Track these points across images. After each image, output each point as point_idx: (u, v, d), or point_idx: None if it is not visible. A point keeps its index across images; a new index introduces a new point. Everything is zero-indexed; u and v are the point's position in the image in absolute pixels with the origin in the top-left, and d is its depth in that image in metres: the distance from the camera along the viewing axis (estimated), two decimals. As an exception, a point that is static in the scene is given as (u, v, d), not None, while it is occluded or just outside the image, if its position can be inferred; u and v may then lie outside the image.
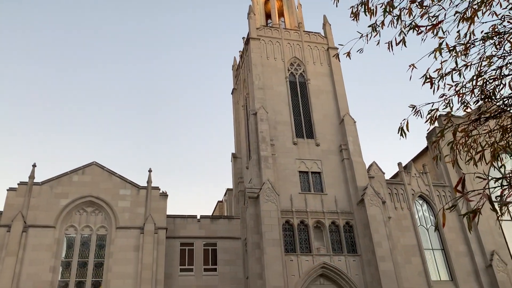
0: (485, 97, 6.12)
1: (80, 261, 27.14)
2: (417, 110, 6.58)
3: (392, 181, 32.78)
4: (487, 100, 6.19)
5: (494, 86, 6.04)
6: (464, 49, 6.00)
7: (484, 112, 5.98)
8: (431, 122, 6.38)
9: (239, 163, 35.99)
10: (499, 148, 5.92)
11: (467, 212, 5.11)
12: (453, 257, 30.19)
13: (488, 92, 6.08)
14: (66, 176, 28.89)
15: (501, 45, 5.89)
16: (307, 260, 27.18)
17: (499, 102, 6.01)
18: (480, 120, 5.94)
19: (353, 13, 7.26)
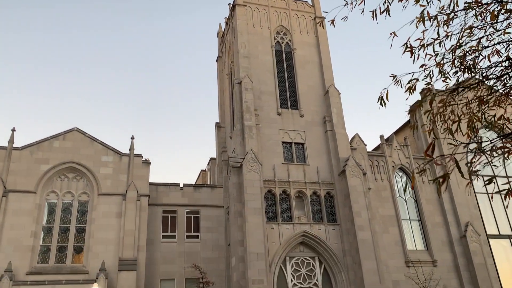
0: (465, 68, 6.16)
1: (62, 226, 27.15)
2: (398, 79, 6.61)
3: (373, 153, 33.24)
4: (467, 71, 6.24)
5: (474, 57, 6.08)
6: (447, 20, 5.98)
7: (462, 83, 6.03)
8: (411, 91, 6.42)
9: (222, 132, 35.94)
10: (475, 118, 6.01)
11: (437, 177, 5.23)
12: (429, 227, 31.12)
13: (468, 64, 6.12)
14: (46, 142, 28.49)
15: (482, 15, 5.89)
16: (288, 229, 27.70)
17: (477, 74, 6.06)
18: (458, 90, 5.99)
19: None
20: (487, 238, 32.00)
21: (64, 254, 26.47)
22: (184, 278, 28.21)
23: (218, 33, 41.61)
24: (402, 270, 28.92)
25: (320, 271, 27.62)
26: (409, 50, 6.12)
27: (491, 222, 32.95)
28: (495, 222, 33.03)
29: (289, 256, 27.39)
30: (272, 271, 26.13)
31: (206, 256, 29.54)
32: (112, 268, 25.79)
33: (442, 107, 6.04)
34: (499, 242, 32.39)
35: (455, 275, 29.97)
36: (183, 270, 28.03)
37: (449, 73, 6.34)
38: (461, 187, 32.74)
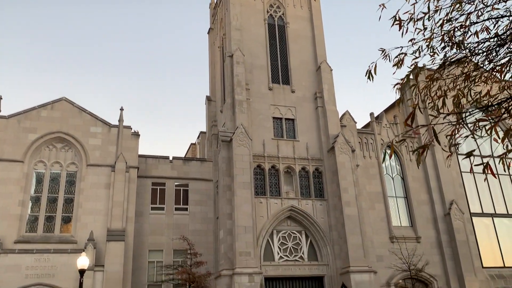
0: (453, 44, 6.14)
1: (50, 196, 27.12)
2: (386, 54, 6.58)
3: (363, 131, 33.41)
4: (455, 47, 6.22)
5: (463, 33, 6.06)
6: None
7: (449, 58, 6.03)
8: (398, 65, 6.40)
9: (213, 106, 35.73)
10: (461, 94, 6.04)
11: (417, 148, 5.28)
12: (414, 205, 31.68)
13: (456, 40, 6.10)
14: (34, 111, 28.12)
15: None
16: (276, 203, 28.01)
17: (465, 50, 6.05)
18: (444, 65, 5.99)
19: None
20: (470, 216, 32.72)
21: (52, 223, 26.54)
22: (172, 249, 28.54)
23: (210, 4, 40.83)
24: (386, 246, 29.56)
25: (306, 245, 28.12)
26: (397, 23, 6.07)
27: (475, 201, 33.62)
28: (479, 201, 33.71)
29: (276, 230, 27.79)
30: (259, 244, 26.54)
31: (195, 229, 29.84)
32: (100, 239, 25.96)
33: (428, 82, 6.05)
34: (482, 220, 33.16)
35: (438, 251, 30.73)
36: (171, 241, 28.33)
37: (437, 48, 6.32)
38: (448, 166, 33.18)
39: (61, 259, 24.54)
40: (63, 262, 24.46)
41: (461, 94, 6.04)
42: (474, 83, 6.11)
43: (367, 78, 6.48)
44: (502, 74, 5.78)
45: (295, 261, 27.38)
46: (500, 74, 5.80)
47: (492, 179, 34.89)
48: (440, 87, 6.45)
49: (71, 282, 23.88)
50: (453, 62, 5.89)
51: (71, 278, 23.94)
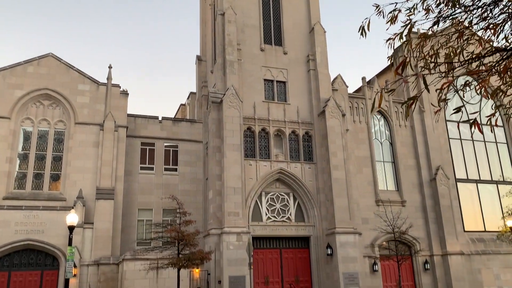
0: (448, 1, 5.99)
1: (38, 154, 26.95)
2: (380, 9, 6.43)
3: (354, 95, 33.32)
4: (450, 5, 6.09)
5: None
6: None
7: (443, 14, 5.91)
8: (392, 21, 6.27)
9: (203, 66, 35.16)
10: (453, 53, 5.95)
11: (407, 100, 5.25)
12: (401, 169, 32.14)
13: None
14: (20, 66, 27.45)
15: None
16: (265, 166, 28.18)
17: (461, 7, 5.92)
18: (438, 22, 5.88)
19: None
20: (456, 182, 33.38)
21: (40, 181, 26.51)
22: (162, 208, 28.85)
23: (203, -40, 39.32)
24: (372, 209, 30.18)
25: (294, 207, 28.59)
26: (392, -24, 5.88)
27: (461, 167, 34.21)
28: (464, 167, 34.31)
29: (265, 192, 28.12)
30: (248, 204, 26.91)
31: (184, 189, 30.07)
32: (89, 197, 26.09)
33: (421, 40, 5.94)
34: (466, 186, 33.87)
35: (422, 215, 31.50)
36: (160, 200, 28.57)
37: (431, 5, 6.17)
38: (436, 132, 33.52)
39: (50, 216, 24.70)
40: (52, 219, 24.64)
41: (453, 53, 5.97)
42: (467, 42, 6.03)
43: (360, 35, 6.35)
44: (496, 33, 5.70)
45: (282, 221, 27.90)
46: (493, 34, 5.71)
47: (478, 145, 35.40)
48: (432, 47, 6.36)
49: (61, 238, 24.15)
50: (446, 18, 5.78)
51: (60, 235, 24.19)
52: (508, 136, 36.56)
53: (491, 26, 5.57)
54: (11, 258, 24.25)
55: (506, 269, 31.89)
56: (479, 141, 35.45)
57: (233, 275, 24.00)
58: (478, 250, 31.92)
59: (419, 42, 5.97)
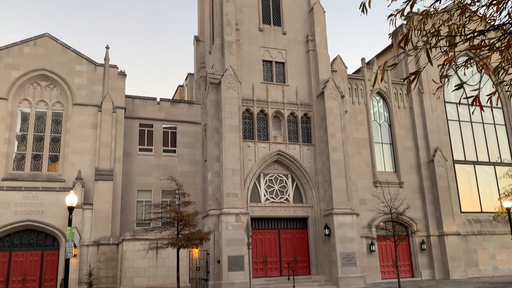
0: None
1: (36, 135, 26.87)
2: (381, -14, 6.33)
3: (353, 76, 33.16)
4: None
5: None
6: None
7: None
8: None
9: (202, 47, 34.83)
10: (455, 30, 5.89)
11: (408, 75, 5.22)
12: (399, 151, 32.23)
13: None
14: (16, 47, 27.12)
15: None
16: (264, 147, 28.21)
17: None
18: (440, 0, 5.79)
19: None
20: (453, 163, 33.54)
21: (39, 162, 26.51)
22: (161, 189, 28.95)
23: None
24: (370, 190, 30.38)
25: (292, 188, 28.73)
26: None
27: (459, 149, 34.33)
28: (462, 149, 34.43)
29: (263, 173, 28.21)
30: (247, 186, 27.03)
31: (183, 170, 30.13)
32: (88, 178, 26.14)
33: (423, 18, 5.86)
34: (464, 167, 34.05)
35: (419, 196, 31.75)
36: (159, 182, 28.64)
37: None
38: (435, 114, 33.51)
39: (50, 197, 24.78)
40: (52, 200, 24.72)
41: (455, 30, 5.91)
42: (469, 19, 5.95)
43: (361, 11, 6.25)
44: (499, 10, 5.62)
45: (280, 203, 28.09)
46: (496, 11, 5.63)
47: (476, 127, 35.45)
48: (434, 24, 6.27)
49: (60, 219, 24.28)
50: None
51: (60, 216, 24.31)
52: (506, 118, 36.59)
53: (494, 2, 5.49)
54: (11, 239, 24.42)
55: (502, 249, 32.32)
56: (477, 123, 35.49)
57: (232, 255, 24.27)
58: (474, 230, 32.28)
59: (421, 19, 5.90)
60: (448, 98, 35.01)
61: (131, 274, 21.53)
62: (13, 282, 23.79)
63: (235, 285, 23.67)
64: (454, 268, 29.79)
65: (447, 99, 34.90)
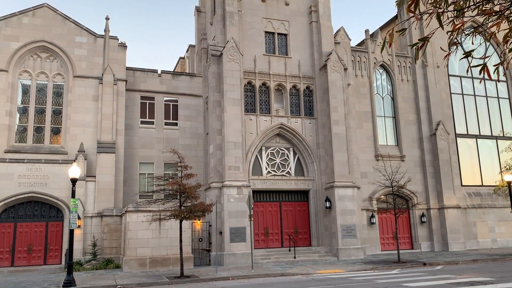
0: None
1: (38, 107, 26.82)
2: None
3: (356, 49, 32.72)
4: None
5: None
6: None
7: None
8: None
9: (203, 18, 34.27)
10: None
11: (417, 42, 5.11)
12: (402, 124, 32.13)
13: None
14: (15, 17, 26.73)
15: None
16: (266, 120, 28.14)
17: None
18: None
19: None
20: (455, 137, 33.48)
21: (41, 134, 26.56)
22: (163, 162, 29.08)
23: None
24: (371, 163, 30.46)
25: (294, 161, 28.83)
26: None
27: (461, 122, 34.20)
28: (465, 122, 34.30)
29: (265, 146, 28.25)
30: (248, 159, 27.11)
31: (185, 143, 30.18)
32: (90, 150, 26.24)
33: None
34: (466, 141, 34.01)
35: (421, 170, 31.85)
36: (161, 154, 28.75)
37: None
38: (438, 87, 33.21)
39: (53, 169, 24.96)
40: (55, 172, 24.91)
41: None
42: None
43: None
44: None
45: (282, 176, 28.24)
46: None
47: (480, 101, 35.19)
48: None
49: (64, 191, 24.54)
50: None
51: (63, 188, 24.55)
52: (511, 91, 36.26)
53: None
54: (16, 210, 24.75)
55: (501, 222, 32.65)
56: (480, 96, 35.23)
57: (234, 226, 24.59)
58: (475, 203, 32.53)
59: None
60: (452, 71, 34.63)
61: (135, 245, 21.89)
62: (19, 252, 24.26)
63: (237, 256, 24.08)
64: (453, 241, 30.18)
65: (451, 72, 34.52)
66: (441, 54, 31.52)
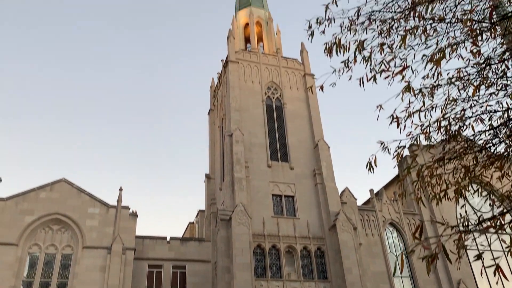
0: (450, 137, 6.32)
1: (43, 281, 26.09)
2: (385, 146, 6.74)
3: (364, 208, 33.12)
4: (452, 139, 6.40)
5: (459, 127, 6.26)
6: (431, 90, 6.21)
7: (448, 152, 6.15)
8: (398, 159, 6.52)
9: (212, 184, 35.73)
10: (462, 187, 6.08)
11: (426, 256, 5.18)
12: (421, 284, 30.46)
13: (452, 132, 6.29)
14: (33, 192, 28.00)
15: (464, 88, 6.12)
16: (278, 286, 26.93)
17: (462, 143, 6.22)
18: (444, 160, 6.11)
19: (327, 49, 7.43)
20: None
21: (42, 311, 25.22)
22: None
23: (211, 87, 42.49)
24: (395, 331, 27.91)
25: (311, 331, 26.55)
26: (395, 121, 6.29)
27: (483, 280, 32.37)
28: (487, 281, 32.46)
29: (278, 315, 26.41)
30: (261, 331, 25.08)
31: (192, 314, 28.33)
32: (92, 327, 24.54)
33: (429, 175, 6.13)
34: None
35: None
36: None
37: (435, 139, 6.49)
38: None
39: None
40: None
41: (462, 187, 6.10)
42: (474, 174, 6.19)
43: (368, 170, 6.58)
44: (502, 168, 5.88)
45: None
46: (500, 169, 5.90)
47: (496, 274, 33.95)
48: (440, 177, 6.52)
49: None
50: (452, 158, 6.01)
51: None
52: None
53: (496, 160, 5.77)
54: None
55: None
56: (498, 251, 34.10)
57: None
58: None
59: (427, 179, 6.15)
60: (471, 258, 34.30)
61: None
62: None
63: None
64: None
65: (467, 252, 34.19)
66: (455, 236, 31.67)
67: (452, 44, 6.37)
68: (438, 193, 6.01)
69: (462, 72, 6.12)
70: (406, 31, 5.77)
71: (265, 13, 42.03)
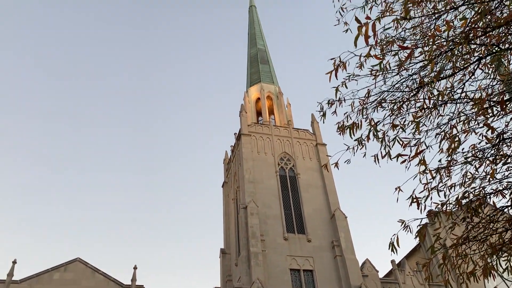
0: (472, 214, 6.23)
1: None
2: (406, 225, 6.64)
3: (386, 280, 31.69)
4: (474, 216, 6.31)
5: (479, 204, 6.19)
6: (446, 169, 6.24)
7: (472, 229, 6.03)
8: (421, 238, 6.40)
9: (227, 259, 34.84)
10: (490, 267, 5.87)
11: None
12: None
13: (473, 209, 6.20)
14: (46, 274, 27.53)
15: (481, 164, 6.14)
16: None
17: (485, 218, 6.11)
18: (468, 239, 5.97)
19: (340, 128, 7.60)
20: None
21: None
22: None
23: (224, 160, 43.00)
24: None
25: None
26: (415, 202, 6.27)
27: None
28: None
29: None
30: None
31: None
32: None
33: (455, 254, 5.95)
34: None
35: None
36: None
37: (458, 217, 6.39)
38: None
39: None
40: None
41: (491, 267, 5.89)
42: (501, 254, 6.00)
43: (391, 251, 6.43)
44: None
45: None
46: None
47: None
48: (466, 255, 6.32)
49: None
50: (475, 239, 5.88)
51: None
52: None
53: None
54: None
55: None
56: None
57: None
58: None
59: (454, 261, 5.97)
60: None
61: None
62: None
63: None
64: None
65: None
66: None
67: (464, 121, 6.49)
68: (466, 273, 5.79)
69: (476, 147, 6.19)
70: (418, 117, 5.93)
71: (275, 88, 43.55)
